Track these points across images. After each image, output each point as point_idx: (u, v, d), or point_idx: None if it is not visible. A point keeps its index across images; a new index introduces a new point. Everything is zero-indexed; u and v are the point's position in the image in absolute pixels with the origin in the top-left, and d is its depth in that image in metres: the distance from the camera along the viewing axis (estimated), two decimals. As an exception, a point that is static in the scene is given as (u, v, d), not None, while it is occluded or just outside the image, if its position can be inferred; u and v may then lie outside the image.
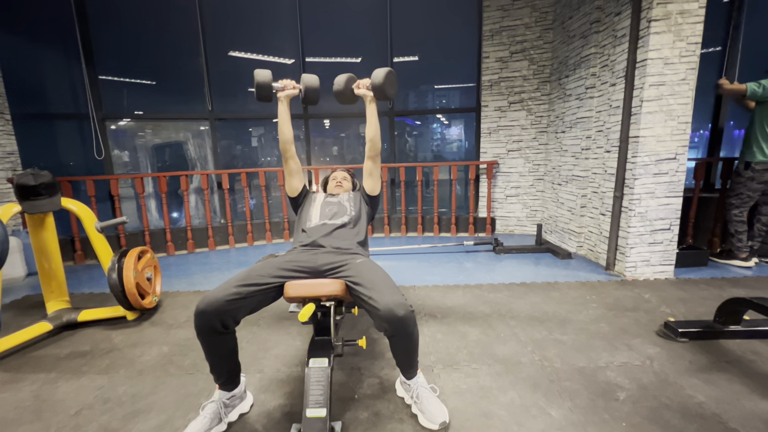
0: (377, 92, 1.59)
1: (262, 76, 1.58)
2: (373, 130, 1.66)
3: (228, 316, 1.19)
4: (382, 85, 1.56)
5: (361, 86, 1.65)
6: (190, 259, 3.70)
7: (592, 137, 3.15)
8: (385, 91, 1.57)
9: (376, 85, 1.57)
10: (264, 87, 1.59)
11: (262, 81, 1.58)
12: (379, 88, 1.57)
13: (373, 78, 1.58)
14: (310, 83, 1.68)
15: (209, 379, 1.60)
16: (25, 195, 1.94)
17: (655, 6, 2.40)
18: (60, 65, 3.85)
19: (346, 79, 1.69)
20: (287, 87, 1.65)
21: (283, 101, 1.65)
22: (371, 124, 1.66)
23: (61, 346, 1.95)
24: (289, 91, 1.65)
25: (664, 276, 2.72)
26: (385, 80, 1.56)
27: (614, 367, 1.62)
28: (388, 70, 1.57)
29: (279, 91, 1.65)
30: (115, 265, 2.08)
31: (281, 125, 1.67)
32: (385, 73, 1.55)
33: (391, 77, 1.58)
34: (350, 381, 1.57)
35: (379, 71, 1.57)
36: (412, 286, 2.66)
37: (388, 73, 1.56)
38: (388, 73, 1.56)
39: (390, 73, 1.58)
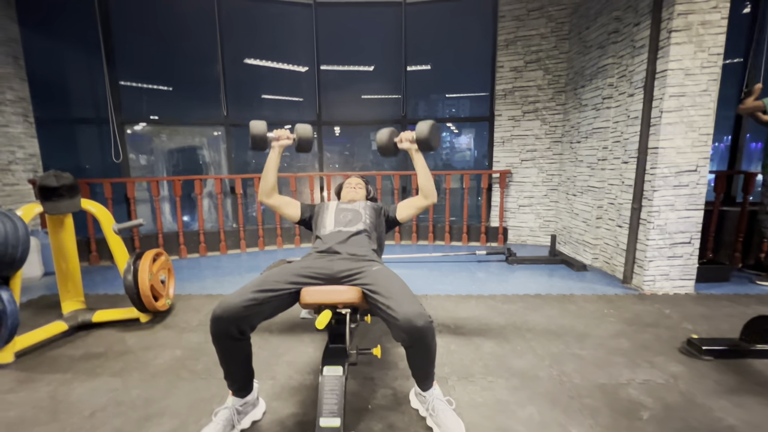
0: (422, 145, 1.58)
1: (257, 128, 1.59)
2: (424, 180, 1.63)
3: (244, 322, 1.18)
4: (428, 138, 1.56)
5: (404, 140, 1.63)
6: (202, 262, 3.73)
7: (609, 148, 3.11)
8: (430, 144, 1.57)
9: (421, 139, 1.57)
10: (259, 138, 1.60)
11: (258, 132, 1.59)
12: (424, 142, 1.57)
13: (418, 132, 1.58)
14: (303, 134, 1.68)
15: (222, 384, 1.58)
16: (46, 196, 1.97)
17: (675, 17, 2.38)
18: (83, 71, 3.96)
19: (389, 133, 1.68)
20: (281, 137, 1.65)
21: (276, 150, 1.66)
22: (422, 175, 1.62)
23: (76, 347, 1.97)
24: (283, 141, 1.66)
25: (684, 291, 2.64)
26: (430, 134, 1.55)
27: (636, 385, 1.57)
28: (431, 124, 1.56)
29: (273, 141, 1.65)
30: (131, 267, 2.10)
31: (268, 171, 1.66)
32: (429, 126, 1.55)
33: (434, 130, 1.58)
34: (363, 391, 1.54)
35: (423, 125, 1.57)
36: (424, 295, 2.63)
37: (432, 127, 1.56)
38: (432, 126, 1.56)
39: (434, 126, 1.57)
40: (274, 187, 1.70)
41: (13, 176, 3.49)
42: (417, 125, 1.60)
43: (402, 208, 1.74)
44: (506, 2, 3.95)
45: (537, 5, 3.85)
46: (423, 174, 1.63)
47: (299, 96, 4.65)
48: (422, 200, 1.67)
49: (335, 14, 4.39)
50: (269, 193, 1.69)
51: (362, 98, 4.74)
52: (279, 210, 1.74)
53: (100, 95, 3.89)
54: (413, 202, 1.72)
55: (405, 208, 1.74)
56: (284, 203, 1.74)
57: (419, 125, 1.59)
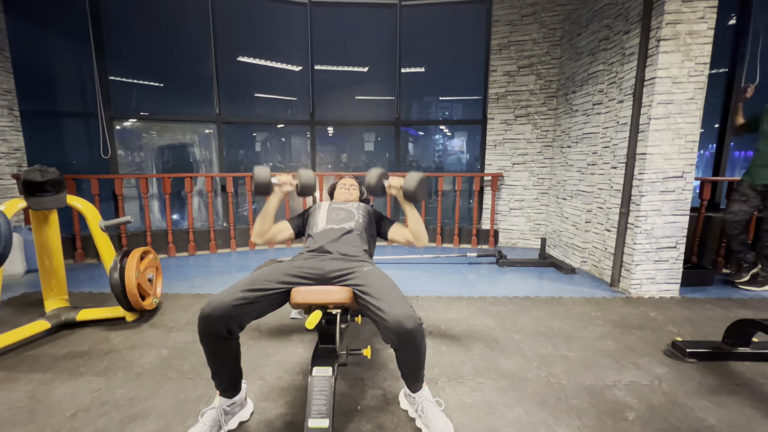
0: (408, 196, 1.58)
1: (261, 175, 1.57)
2: (413, 225, 1.62)
3: (233, 321, 1.17)
4: (414, 192, 1.55)
5: (393, 186, 1.62)
6: (191, 261, 3.68)
7: (599, 153, 3.16)
8: (416, 197, 1.57)
9: (408, 191, 1.56)
10: (263, 184, 1.58)
11: (262, 179, 1.57)
12: (410, 195, 1.56)
13: (405, 184, 1.57)
14: (306, 180, 1.68)
15: (209, 384, 1.57)
16: (31, 191, 1.93)
17: (664, 26, 2.43)
18: (71, 64, 3.88)
19: (378, 175, 1.67)
20: (284, 184, 1.64)
21: (278, 195, 1.65)
22: (411, 221, 1.62)
23: (59, 346, 1.92)
24: (285, 188, 1.65)
25: (669, 294, 2.70)
26: (417, 188, 1.55)
27: (622, 386, 1.59)
28: (420, 178, 1.56)
29: (276, 187, 1.64)
30: (118, 264, 2.06)
31: (266, 216, 1.63)
32: (416, 181, 1.55)
33: (422, 185, 1.58)
34: (353, 392, 1.54)
35: (412, 177, 1.56)
36: (414, 297, 2.64)
37: (420, 181, 1.55)
38: (420, 181, 1.56)
39: (422, 181, 1.57)
40: (270, 229, 1.67)
41: (-4, 170, 3.40)
42: (407, 176, 1.58)
43: (394, 232, 1.73)
44: (500, 7, 3.99)
45: (530, 11, 3.90)
46: (412, 220, 1.63)
47: (293, 95, 4.63)
48: (413, 241, 1.67)
49: (330, 14, 4.38)
50: (263, 235, 1.66)
51: (356, 99, 4.74)
52: (273, 241, 1.72)
53: (89, 89, 3.81)
54: (404, 233, 1.69)
55: (396, 234, 1.72)
56: (276, 233, 1.71)
57: (408, 177, 1.57)
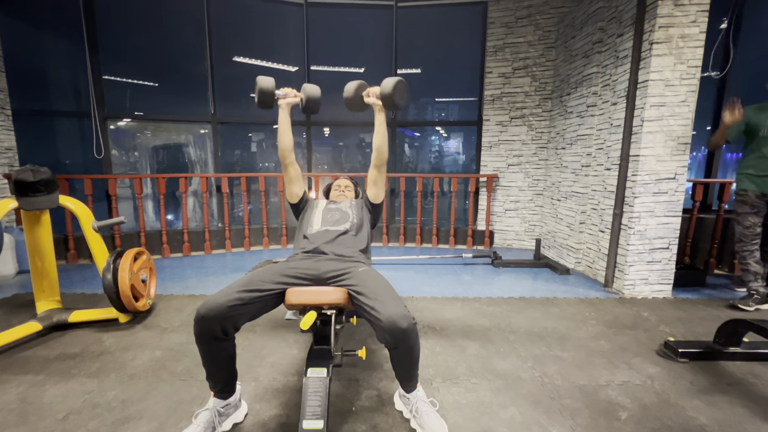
0: (386, 101, 1.56)
1: (264, 83, 1.58)
2: (380, 139, 1.65)
3: (229, 322, 1.16)
4: (391, 94, 1.53)
5: (371, 95, 1.63)
6: (185, 262, 3.65)
7: (593, 154, 3.18)
8: (394, 101, 1.55)
9: (385, 94, 1.54)
10: (266, 93, 1.58)
11: (265, 87, 1.57)
12: (388, 98, 1.54)
13: (382, 87, 1.55)
14: (311, 93, 1.68)
15: (203, 386, 1.56)
16: (22, 191, 1.91)
17: (657, 29, 2.46)
18: (65, 63, 3.84)
19: (357, 86, 1.67)
20: (288, 95, 1.64)
21: (284, 109, 1.65)
22: (379, 133, 1.64)
23: (50, 348, 1.90)
24: (290, 99, 1.65)
25: (662, 295, 2.72)
26: (395, 90, 1.53)
27: (615, 386, 1.60)
28: (398, 80, 1.54)
29: (280, 99, 1.64)
30: (111, 265, 2.05)
31: (281, 133, 1.66)
32: (394, 82, 1.53)
33: (401, 86, 1.56)
34: (348, 392, 1.54)
35: (388, 80, 1.54)
36: (410, 297, 2.64)
37: (397, 83, 1.54)
38: (398, 83, 1.54)
39: (400, 83, 1.55)
40: (291, 148, 1.67)
41: (-13, 170, 3.36)
42: (384, 80, 1.55)
43: (368, 189, 1.75)
44: (495, 9, 4.01)
45: (525, 13, 3.93)
46: (379, 131, 1.63)
47: (288, 95, 4.62)
48: (373, 162, 1.66)
49: (326, 15, 4.38)
50: (287, 154, 1.66)
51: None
52: (289, 181, 1.71)
53: (83, 88, 3.78)
54: (369, 175, 1.70)
55: (370, 187, 1.74)
56: (297, 178, 1.72)
57: (385, 81, 1.55)
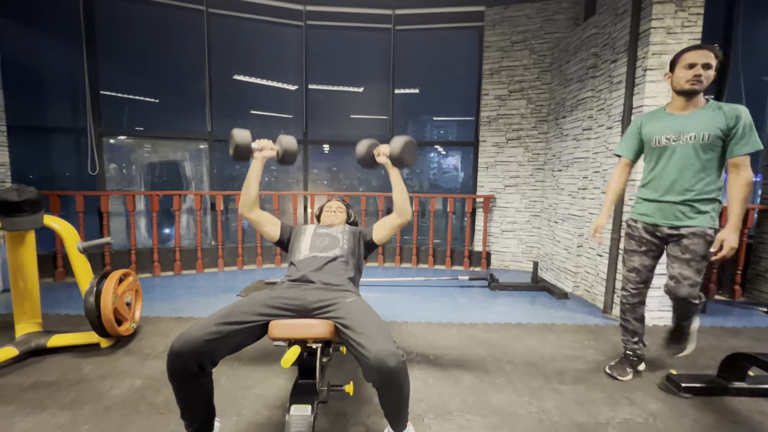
0: (395, 161, 1.56)
1: (241, 137, 1.54)
2: (399, 195, 1.60)
3: (206, 357, 1.10)
4: (400, 155, 1.53)
5: (381, 154, 1.61)
6: (176, 281, 3.57)
7: (589, 177, 3.17)
8: (402, 160, 1.54)
9: (393, 154, 1.54)
10: (243, 148, 1.55)
11: (242, 142, 1.54)
12: (397, 158, 1.54)
13: (391, 147, 1.55)
14: (287, 145, 1.65)
15: (181, 422, 1.48)
16: (6, 211, 1.86)
17: (650, 56, 2.48)
18: (62, 78, 3.85)
19: (368, 145, 1.65)
20: (265, 148, 1.62)
21: (258, 161, 1.62)
22: (396, 190, 1.61)
23: (26, 374, 1.82)
24: (266, 153, 1.62)
25: (662, 322, 2.65)
26: (403, 150, 1.53)
27: (616, 424, 1.53)
28: (406, 140, 1.53)
29: (256, 152, 1.61)
30: (94, 288, 1.98)
31: (249, 184, 1.62)
32: (402, 143, 1.53)
33: (409, 147, 1.55)
34: (334, 429, 1.46)
35: (397, 140, 1.54)
36: (404, 322, 2.57)
37: (406, 143, 1.53)
38: (406, 143, 1.54)
39: (408, 143, 1.55)
40: (256, 200, 1.65)
41: (-22, 186, 3.31)
42: (392, 139, 1.55)
43: (377, 229, 1.71)
44: (492, 33, 4.08)
45: (521, 38, 3.99)
46: (398, 190, 1.60)
47: (288, 113, 4.65)
48: (396, 218, 1.64)
49: (325, 35, 4.45)
50: (250, 207, 1.64)
51: (351, 118, 4.77)
52: (258, 227, 1.69)
53: (80, 105, 3.79)
54: (387, 221, 1.68)
55: (380, 229, 1.70)
56: (265, 220, 1.69)
57: (393, 140, 1.54)
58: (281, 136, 1.66)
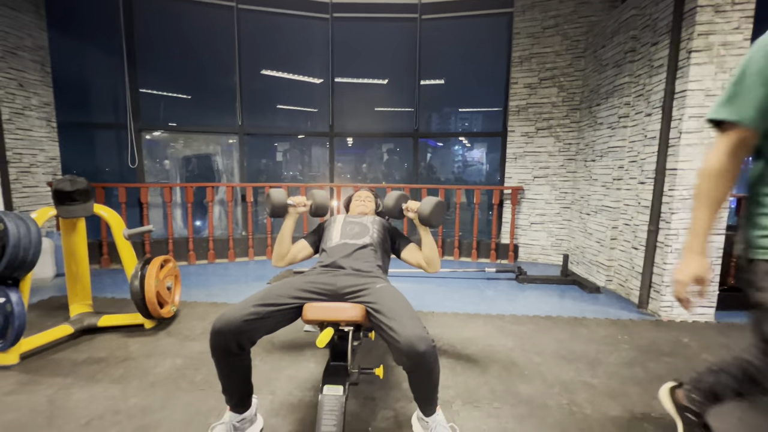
0: (423, 221, 1.57)
1: (277, 197, 1.60)
2: (427, 251, 1.61)
3: (244, 336, 1.16)
4: (429, 217, 1.54)
5: (410, 210, 1.61)
6: (209, 269, 3.74)
7: (625, 167, 3.04)
8: (431, 222, 1.56)
9: (423, 215, 1.55)
10: (279, 207, 1.61)
11: (278, 201, 1.60)
12: (425, 218, 1.55)
13: (421, 207, 1.56)
14: (320, 200, 1.73)
15: (220, 397, 1.55)
16: (61, 200, 2.01)
17: (695, 37, 2.33)
18: (105, 78, 4.09)
19: (397, 197, 1.68)
20: (299, 204, 1.66)
21: (293, 216, 1.67)
22: (426, 246, 1.61)
23: (79, 351, 1.97)
24: (300, 209, 1.67)
25: (704, 319, 2.53)
26: (432, 213, 1.54)
27: (651, 419, 1.48)
28: (436, 202, 1.55)
29: (291, 208, 1.66)
30: (138, 272, 2.11)
31: (283, 239, 1.66)
32: (432, 205, 1.54)
33: (438, 209, 1.57)
34: (363, 412, 1.49)
35: (427, 202, 1.55)
36: (431, 313, 2.58)
37: (436, 205, 1.55)
38: (437, 205, 1.55)
39: (439, 204, 1.56)
40: (289, 251, 1.70)
41: (33, 178, 3.58)
42: (423, 200, 1.57)
43: (407, 253, 1.70)
44: (521, 19, 3.96)
45: (552, 23, 3.85)
46: (427, 246, 1.61)
47: (314, 107, 4.72)
48: (425, 266, 1.64)
49: (351, 28, 4.46)
50: (283, 258, 1.69)
51: (375, 111, 4.77)
52: (295, 262, 1.73)
53: (120, 102, 4.00)
54: (417, 258, 1.67)
55: (409, 255, 1.70)
56: (296, 254, 1.72)
57: (424, 201, 1.56)
58: (314, 191, 1.73)
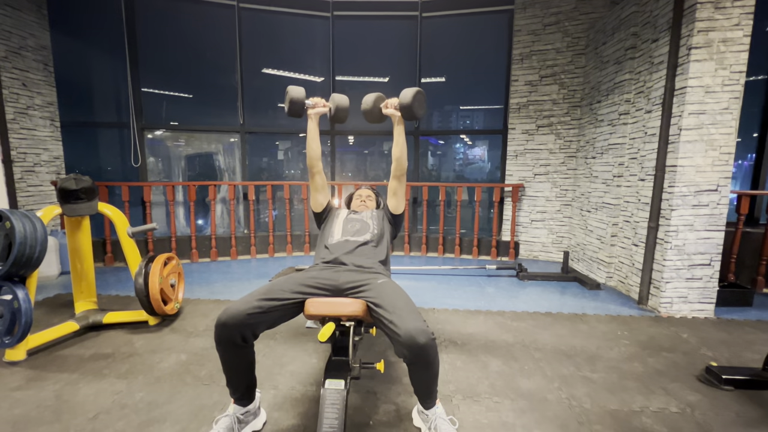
0: (405, 112, 1.57)
1: (295, 92, 1.62)
2: (399, 149, 1.64)
3: (248, 329, 1.18)
4: (410, 104, 1.54)
5: (390, 106, 1.64)
6: (212, 267, 3.77)
7: (625, 164, 3.04)
8: (413, 111, 1.55)
9: (404, 104, 1.55)
10: (296, 103, 1.62)
11: (296, 97, 1.61)
12: (407, 108, 1.55)
13: (401, 98, 1.56)
14: (340, 102, 1.71)
15: (224, 391, 1.58)
16: (66, 198, 2.03)
17: (695, 34, 2.33)
18: (108, 78, 4.11)
19: (375, 98, 1.69)
20: (318, 104, 1.68)
21: (313, 118, 1.68)
22: (398, 143, 1.64)
23: (86, 347, 2.00)
24: (319, 109, 1.68)
25: (703, 315, 2.54)
26: (413, 100, 1.54)
27: (650, 413, 1.50)
28: (416, 90, 1.55)
29: (309, 108, 1.67)
30: (143, 270, 2.14)
31: (310, 141, 1.69)
32: (413, 93, 1.54)
33: (419, 97, 1.56)
34: (365, 406, 1.52)
35: (407, 91, 1.55)
36: (431, 309, 2.60)
37: (416, 93, 1.54)
38: (417, 93, 1.55)
39: (418, 93, 1.56)
40: (319, 156, 1.71)
41: (37, 177, 3.61)
42: (403, 91, 1.56)
43: (389, 201, 1.73)
44: (522, 17, 3.96)
45: (553, 20, 3.84)
46: (399, 141, 1.62)
47: (314, 105, 4.72)
48: (393, 172, 1.65)
49: (352, 26, 4.47)
50: (315, 162, 1.70)
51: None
52: (314, 186, 1.74)
53: (123, 101, 4.03)
54: (390, 187, 1.69)
55: (389, 198, 1.73)
56: (323, 186, 1.75)
57: (404, 91, 1.55)
58: (334, 95, 1.72)
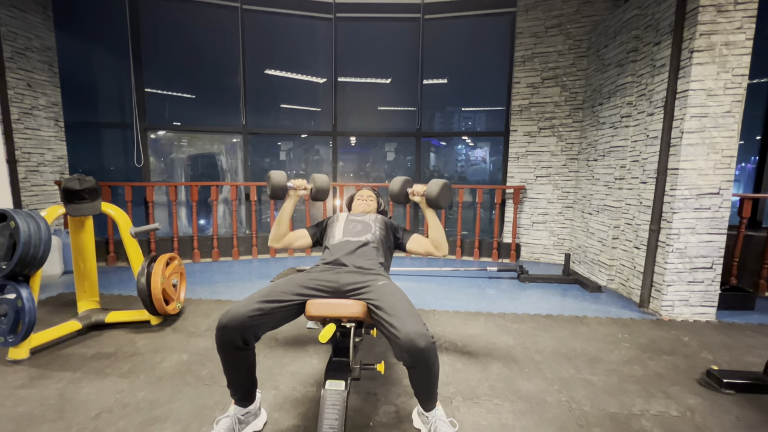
0: (430, 202, 1.59)
1: (277, 179, 1.62)
2: (434, 233, 1.64)
3: (249, 331, 1.19)
4: (436, 198, 1.56)
5: (416, 193, 1.65)
6: (214, 267, 3.78)
7: (627, 167, 3.04)
8: (438, 203, 1.58)
9: (430, 198, 1.57)
10: (279, 188, 1.62)
11: (278, 183, 1.62)
12: (433, 201, 1.57)
13: (428, 189, 1.58)
14: (320, 184, 1.74)
15: (225, 391, 1.59)
16: (69, 198, 2.05)
17: (698, 37, 2.33)
18: (112, 78, 4.14)
19: (402, 182, 1.70)
20: (299, 187, 1.68)
21: (293, 199, 1.70)
22: (432, 229, 1.65)
23: (88, 346, 2.01)
24: (300, 192, 1.69)
25: (704, 318, 2.53)
26: (440, 194, 1.56)
27: (650, 416, 1.50)
28: (443, 183, 1.56)
29: (291, 191, 1.68)
30: (145, 270, 2.15)
31: (282, 220, 1.68)
32: (440, 186, 1.56)
33: (445, 191, 1.58)
34: (365, 407, 1.52)
35: (435, 184, 1.57)
36: (432, 311, 2.60)
37: (443, 187, 1.56)
38: (443, 187, 1.57)
39: (445, 187, 1.58)
40: (286, 233, 1.72)
41: (41, 177, 3.64)
42: (430, 182, 1.59)
43: (413, 243, 1.74)
44: (524, 19, 3.96)
45: (555, 23, 3.85)
46: (434, 228, 1.64)
47: (317, 106, 4.75)
48: (433, 250, 1.67)
49: (354, 28, 4.49)
50: (280, 239, 1.72)
51: (378, 110, 4.80)
52: (291, 247, 1.76)
53: (126, 101, 4.05)
54: (426, 245, 1.70)
55: (415, 245, 1.73)
56: (294, 240, 1.76)
57: (431, 183, 1.58)
58: (314, 175, 1.75)
